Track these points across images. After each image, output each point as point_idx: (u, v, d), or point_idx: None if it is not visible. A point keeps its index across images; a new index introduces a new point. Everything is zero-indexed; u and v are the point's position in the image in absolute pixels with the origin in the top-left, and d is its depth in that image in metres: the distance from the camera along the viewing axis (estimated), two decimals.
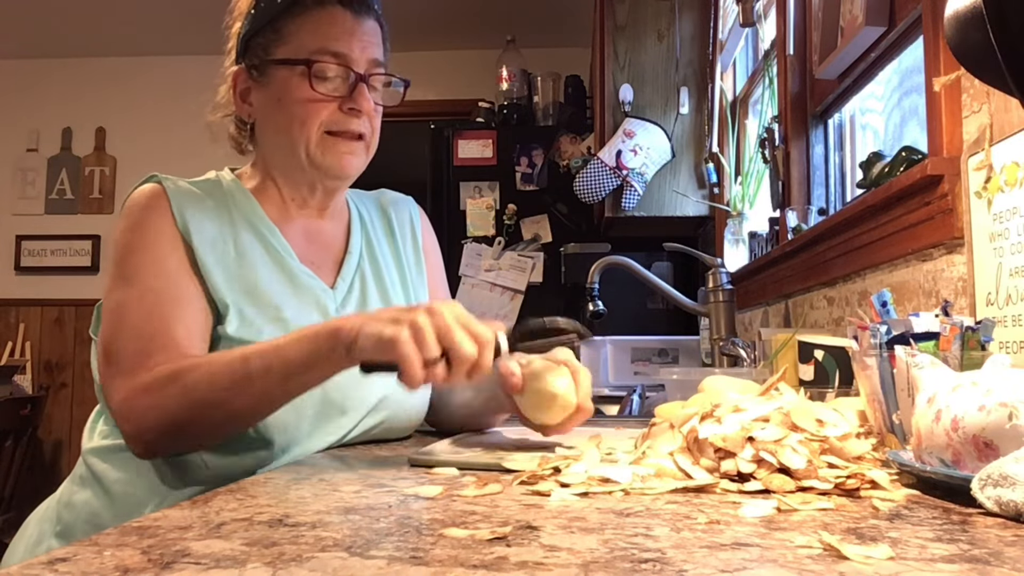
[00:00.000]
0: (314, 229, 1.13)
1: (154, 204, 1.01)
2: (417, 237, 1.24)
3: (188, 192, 1.03)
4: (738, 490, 0.62)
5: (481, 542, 0.46)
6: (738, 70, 2.83)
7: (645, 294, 2.98)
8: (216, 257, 1.00)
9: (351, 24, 1.06)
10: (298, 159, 1.06)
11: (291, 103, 1.04)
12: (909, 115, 1.58)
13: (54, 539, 0.97)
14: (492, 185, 3.62)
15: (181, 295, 0.97)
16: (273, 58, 1.06)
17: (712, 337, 1.97)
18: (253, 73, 1.08)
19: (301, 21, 1.05)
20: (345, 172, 1.08)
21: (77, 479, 1.01)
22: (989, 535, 0.48)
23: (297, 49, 1.04)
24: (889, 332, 0.81)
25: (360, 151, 1.08)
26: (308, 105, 1.04)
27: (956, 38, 0.80)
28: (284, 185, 1.11)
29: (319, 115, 1.04)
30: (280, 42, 1.06)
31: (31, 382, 4.48)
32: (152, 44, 4.58)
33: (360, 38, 1.06)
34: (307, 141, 1.05)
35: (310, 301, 1.05)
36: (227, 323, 0.97)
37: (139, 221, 1.00)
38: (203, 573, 0.40)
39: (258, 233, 1.06)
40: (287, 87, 1.05)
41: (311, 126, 1.04)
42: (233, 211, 1.06)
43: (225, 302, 0.98)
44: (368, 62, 1.07)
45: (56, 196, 4.71)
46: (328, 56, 1.04)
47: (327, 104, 1.04)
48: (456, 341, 0.77)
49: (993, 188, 1.01)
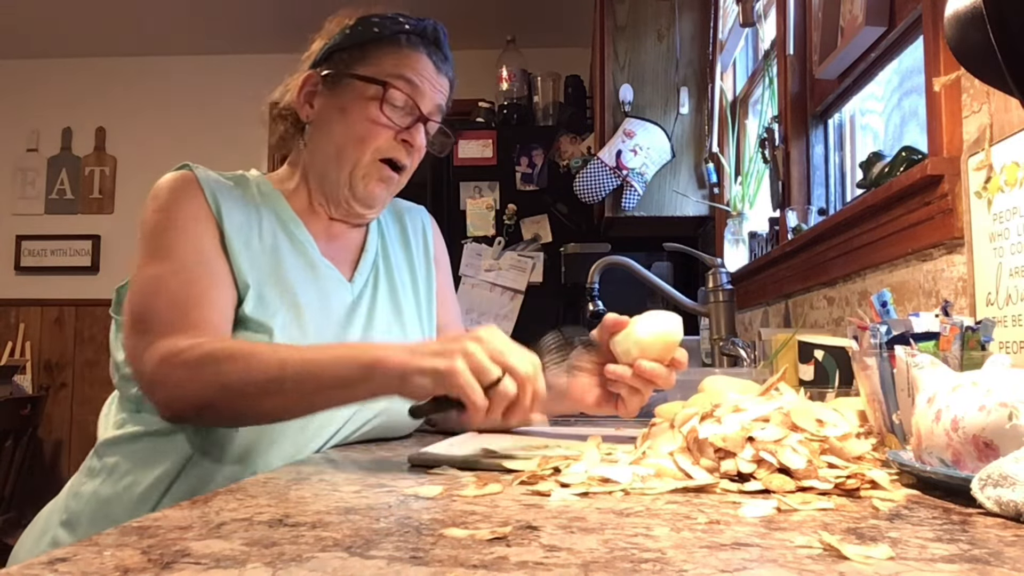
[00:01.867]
0: (336, 231, 1.17)
1: (186, 187, 1.04)
2: (429, 245, 1.28)
3: (217, 180, 1.07)
4: (738, 490, 0.62)
5: (481, 542, 0.46)
6: (738, 70, 2.83)
7: (645, 294, 2.97)
8: (243, 240, 1.03)
9: (431, 71, 1.13)
10: (340, 173, 1.10)
11: (356, 119, 1.09)
12: (909, 115, 1.58)
13: (60, 528, 0.99)
14: (492, 185, 3.61)
15: (215, 274, 0.99)
16: (352, 72, 1.10)
17: (712, 337, 1.96)
18: (327, 80, 1.12)
19: (388, 51, 1.11)
20: (373, 202, 1.13)
21: (86, 470, 1.03)
22: (989, 535, 0.48)
23: (377, 72, 1.10)
24: (889, 332, 0.81)
25: (394, 182, 1.13)
26: (371, 126, 1.09)
27: (956, 38, 0.80)
28: (316, 191, 1.14)
29: (377, 138, 1.09)
30: (363, 62, 1.11)
31: (31, 382, 4.47)
32: (152, 44, 4.58)
33: (433, 84, 1.13)
34: (358, 159, 1.09)
35: (328, 290, 1.09)
36: (245, 304, 0.99)
37: (172, 201, 1.02)
38: (203, 573, 0.40)
39: (282, 223, 1.10)
40: (356, 103, 1.10)
41: (368, 146, 1.09)
42: (260, 202, 1.10)
43: (247, 283, 1.00)
44: (433, 107, 1.13)
45: (56, 196, 4.71)
46: (403, 83, 1.09)
47: (386, 130, 1.09)
48: (512, 363, 0.77)
49: (993, 188, 1.01)
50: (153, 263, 0.98)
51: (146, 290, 0.97)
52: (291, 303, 1.02)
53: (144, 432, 0.99)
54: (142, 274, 0.98)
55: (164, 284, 0.96)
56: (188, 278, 0.96)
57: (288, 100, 1.15)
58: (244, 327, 0.98)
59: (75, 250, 4.62)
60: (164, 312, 0.94)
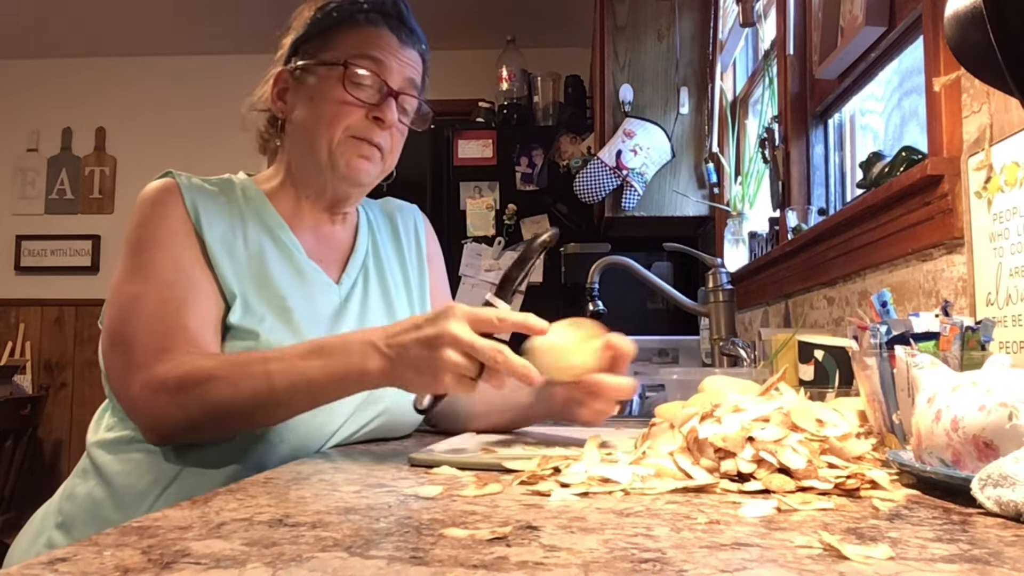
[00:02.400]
0: (324, 231, 1.16)
1: (167, 198, 1.03)
2: (421, 244, 1.27)
3: (200, 187, 1.06)
4: (738, 490, 0.62)
5: (481, 542, 0.46)
6: (738, 70, 2.83)
7: (645, 294, 2.98)
8: (226, 249, 1.03)
9: (395, 45, 1.11)
10: (318, 157, 1.09)
11: (322, 102, 1.08)
12: (909, 115, 1.58)
13: (55, 531, 0.98)
14: (492, 185, 3.61)
15: (195, 288, 0.98)
16: (315, 60, 1.10)
17: (712, 337, 1.97)
18: (295, 74, 1.12)
19: (348, 32, 1.10)
20: (357, 177, 1.10)
21: (80, 472, 1.02)
22: (989, 535, 0.48)
23: (339, 55, 1.09)
24: (889, 332, 0.81)
25: (376, 159, 1.11)
26: (338, 106, 1.07)
27: (956, 38, 0.80)
28: (300, 183, 1.14)
29: (347, 118, 1.08)
30: (325, 48, 1.10)
31: (31, 382, 4.47)
32: (152, 44, 4.58)
33: (399, 58, 1.11)
34: (330, 140, 1.08)
35: (315, 293, 1.08)
36: (232, 312, 0.99)
37: (152, 215, 1.02)
38: (203, 573, 0.40)
39: (268, 228, 1.09)
40: (322, 87, 1.09)
41: (337, 127, 1.08)
42: (244, 207, 1.09)
43: (233, 292, 1.00)
44: (404, 81, 1.11)
45: (56, 196, 4.71)
46: (365, 61, 1.08)
47: (356, 109, 1.08)
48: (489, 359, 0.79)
49: (993, 188, 1.01)
50: (132, 281, 0.98)
51: (125, 311, 0.97)
52: (278, 308, 1.02)
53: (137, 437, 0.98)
54: (121, 292, 0.98)
55: (142, 305, 0.96)
56: (166, 297, 0.96)
57: (263, 100, 1.15)
58: (233, 336, 0.98)
59: (75, 250, 4.62)
60: (142, 336, 0.94)
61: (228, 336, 0.98)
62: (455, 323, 0.79)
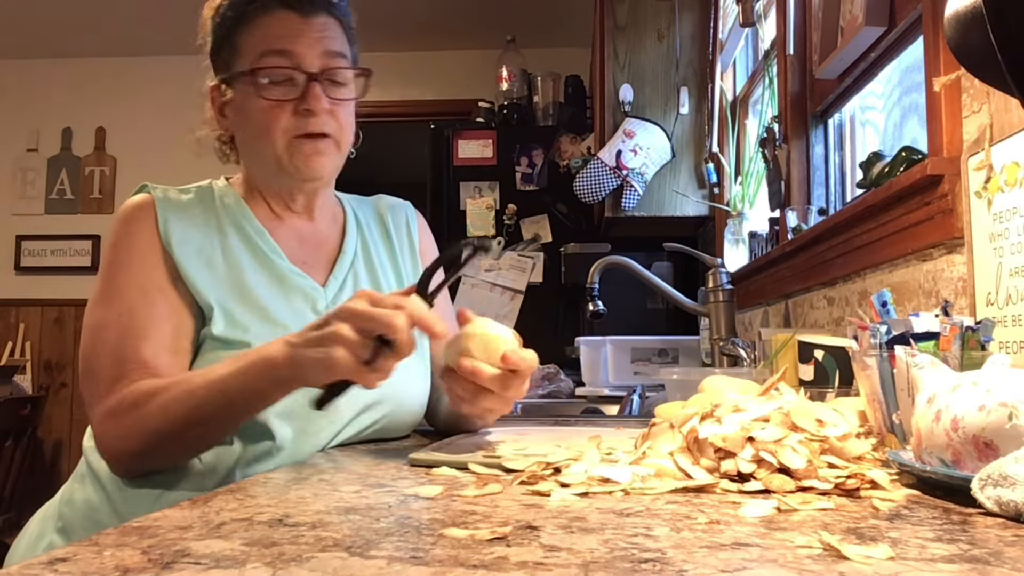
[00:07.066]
0: (307, 231, 1.15)
1: (139, 215, 1.03)
2: (414, 240, 1.25)
3: (176, 201, 1.06)
4: (738, 490, 0.62)
5: (481, 542, 0.46)
6: (738, 70, 2.83)
7: (645, 294, 2.98)
8: (203, 261, 1.02)
9: (297, 24, 1.05)
10: (270, 167, 1.08)
11: (251, 113, 1.06)
12: (909, 115, 1.58)
13: (55, 535, 0.98)
14: (492, 185, 3.61)
15: (154, 313, 0.98)
16: (229, 73, 1.08)
17: (712, 337, 1.97)
18: (223, 88, 1.10)
19: (250, 30, 1.06)
20: (315, 173, 1.08)
21: (79, 476, 1.02)
22: (989, 535, 0.48)
23: (246, 59, 1.06)
24: (889, 332, 0.81)
25: (329, 149, 1.07)
26: (263, 113, 1.04)
27: (956, 38, 0.80)
28: (266, 192, 1.13)
29: (278, 121, 1.04)
30: (235, 55, 1.08)
31: (31, 382, 4.47)
32: (152, 44, 4.58)
33: (308, 36, 1.05)
34: (273, 148, 1.05)
35: (300, 299, 1.07)
36: (213, 324, 0.99)
37: (124, 234, 1.03)
38: (203, 573, 0.40)
39: (246, 237, 1.08)
40: (243, 100, 1.07)
41: (273, 133, 1.05)
42: (222, 217, 1.08)
43: (210, 304, 0.99)
44: (322, 57, 1.06)
45: (56, 196, 4.71)
46: (273, 58, 1.04)
47: (283, 108, 1.04)
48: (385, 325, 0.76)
49: (993, 188, 1.01)
50: (99, 305, 1.00)
51: (92, 340, 0.99)
52: (263, 317, 1.01)
53: None
54: (91, 317, 1.00)
55: (105, 335, 0.98)
56: (126, 324, 0.97)
57: (211, 120, 1.14)
58: (220, 347, 0.98)
59: (75, 250, 4.62)
60: (100, 369, 0.96)
61: (216, 348, 0.98)
62: (354, 300, 0.79)
